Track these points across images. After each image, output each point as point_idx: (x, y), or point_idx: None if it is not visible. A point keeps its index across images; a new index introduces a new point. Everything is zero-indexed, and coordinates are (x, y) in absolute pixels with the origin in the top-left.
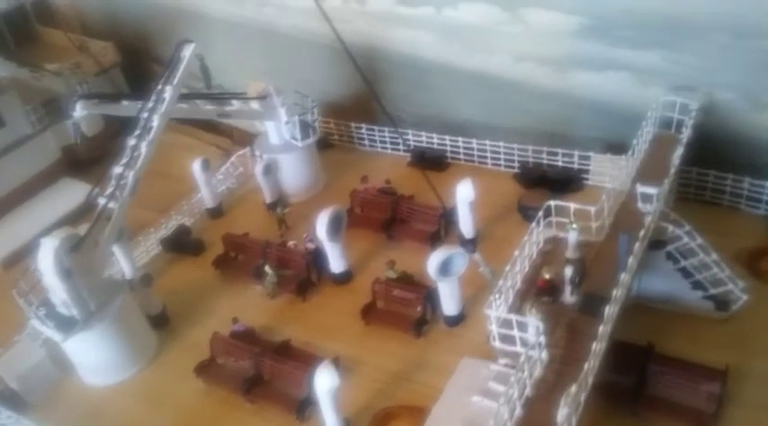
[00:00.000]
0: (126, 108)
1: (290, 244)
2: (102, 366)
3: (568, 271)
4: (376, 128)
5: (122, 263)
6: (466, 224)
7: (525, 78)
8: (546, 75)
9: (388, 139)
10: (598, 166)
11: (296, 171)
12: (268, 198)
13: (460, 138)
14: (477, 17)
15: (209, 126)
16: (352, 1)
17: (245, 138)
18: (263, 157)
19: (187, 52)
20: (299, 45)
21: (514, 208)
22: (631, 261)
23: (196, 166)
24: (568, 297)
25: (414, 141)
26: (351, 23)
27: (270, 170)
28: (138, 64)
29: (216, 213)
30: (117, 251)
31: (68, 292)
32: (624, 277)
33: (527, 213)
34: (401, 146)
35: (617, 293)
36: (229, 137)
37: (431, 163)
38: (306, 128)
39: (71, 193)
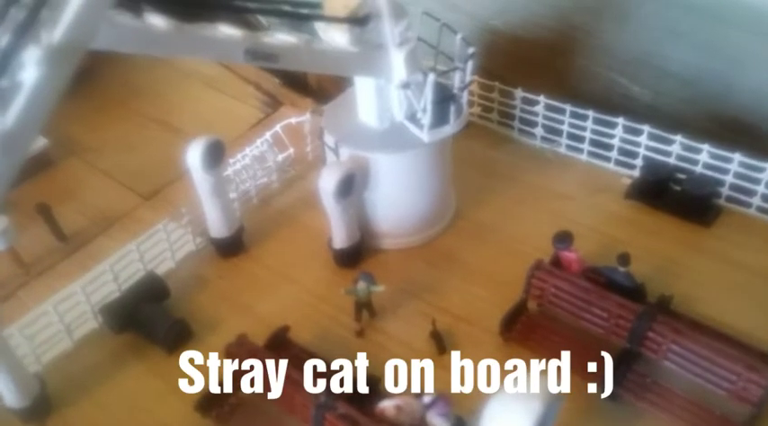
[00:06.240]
0: None
1: (387, 406)
2: None
3: None
4: (568, 108)
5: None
6: None
7: None
8: None
9: (588, 135)
10: None
11: (406, 189)
12: (338, 241)
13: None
14: None
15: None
16: None
17: (323, 86)
18: (337, 153)
19: None
20: None
21: None
22: None
23: (193, 157)
24: None
25: (647, 148)
26: None
27: (351, 187)
28: None
29: (230, 247)
30: None
31: None
32: None
33: None
34: (614, 153)
35: None
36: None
37: (681, 203)
38: (445, 101)
39: None
